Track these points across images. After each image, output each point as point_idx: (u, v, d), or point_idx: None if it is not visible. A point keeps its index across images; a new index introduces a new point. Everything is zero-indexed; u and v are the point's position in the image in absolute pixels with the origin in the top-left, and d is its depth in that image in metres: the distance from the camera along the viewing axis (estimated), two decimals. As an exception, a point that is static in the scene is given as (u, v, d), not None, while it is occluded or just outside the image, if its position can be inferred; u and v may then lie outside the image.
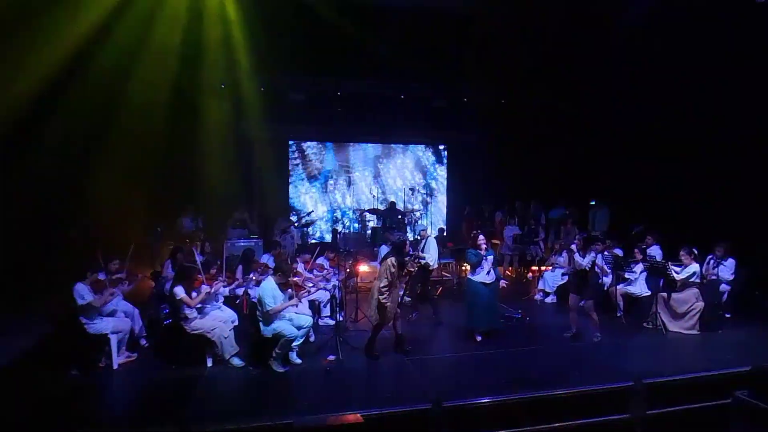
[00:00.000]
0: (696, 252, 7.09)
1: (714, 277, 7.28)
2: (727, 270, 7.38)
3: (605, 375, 5.31)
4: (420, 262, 7.11)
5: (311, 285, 6.88)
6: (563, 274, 8.39)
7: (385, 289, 5.63)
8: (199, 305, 5.70)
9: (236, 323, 6.10)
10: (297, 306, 5.76)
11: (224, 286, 6.47)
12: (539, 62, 10.53)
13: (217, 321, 5.74)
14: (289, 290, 5.99)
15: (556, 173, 12.45)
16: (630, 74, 9.98)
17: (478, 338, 6.53)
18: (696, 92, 8.86)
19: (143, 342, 6.28)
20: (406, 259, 5.85)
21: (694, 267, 6.93)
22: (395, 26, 9.80)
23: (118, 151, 9.55)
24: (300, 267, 7.21)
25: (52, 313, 6.21)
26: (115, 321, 5.73)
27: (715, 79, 8.55)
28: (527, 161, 12.85)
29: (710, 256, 7.42)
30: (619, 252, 8.06)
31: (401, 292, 6.09)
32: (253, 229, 10.53)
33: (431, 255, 7.50)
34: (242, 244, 9.36)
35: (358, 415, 4.09)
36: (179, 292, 5.57)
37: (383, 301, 5.66)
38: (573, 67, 10.85)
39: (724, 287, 7.41)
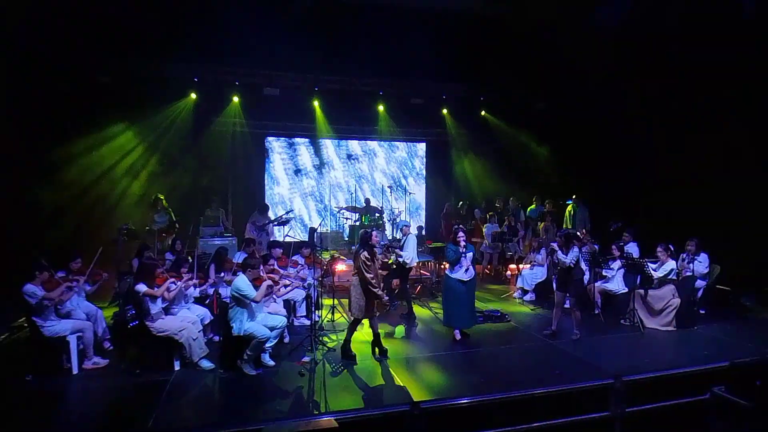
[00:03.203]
0: (672, 249, 7.13)
1: (689, 273, 7.33)
2: (701, 265, 7.44)
3: (584, 373, 5.26)
4: (393, 256, 6.98)
5: (279, 277, 6.63)
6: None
7: (375, 281, 5.55)
8: (165, 303, 5.44)
9: (206, 321, 5.91)
10: (275, 300, 5.52)
11: (194, 287, 6.19)
12: (519, 61, 10.52)
13: (186, 322, 5.46)
14: (263, 285, 5.76)
15: (534, 171, 12.51)
16: (607, 75, 10.03)
17: (457, 337, 6.43)
18: (672, 93, 8.95)
19: (107, 345, 5.97)
20: (375, 249, 5.72)
21: (671, 264, 6.97)
22: (374, 23, 9.65)
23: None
24: (274, 264, 6.96)
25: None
26: (74, 322, 5.41)
27: (690, 81, 8.66)
28: (506, 159, 12.89)
29: (683, 253, 7.48)
30: (595, 248, 8.07)
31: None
32: (227, 226, 10.26)
33: (408, 253, 7.35)
34: (217, 242, 9.08)
35: (332, 419, 3.91)
36: (141, 288, 5.31)
37: (377, 292, 5.56)
38: (552, 66, 10.86)
39: (699, 283, 7.47)
